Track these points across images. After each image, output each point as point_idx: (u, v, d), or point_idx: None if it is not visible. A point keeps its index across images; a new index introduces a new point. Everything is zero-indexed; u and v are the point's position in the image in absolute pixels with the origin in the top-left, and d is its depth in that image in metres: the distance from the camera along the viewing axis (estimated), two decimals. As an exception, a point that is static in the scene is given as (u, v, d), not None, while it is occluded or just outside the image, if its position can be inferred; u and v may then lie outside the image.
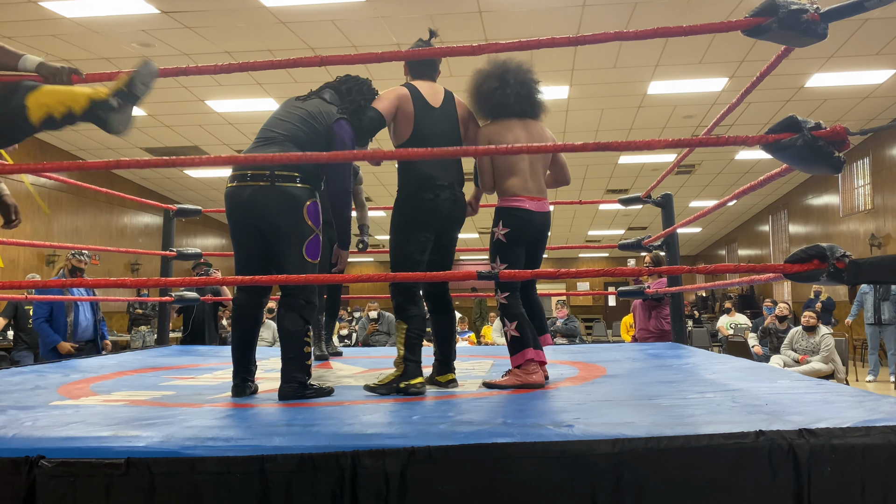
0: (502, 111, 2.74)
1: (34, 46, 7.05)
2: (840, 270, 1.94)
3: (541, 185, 2.76)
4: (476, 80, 2.80)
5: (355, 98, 2.67)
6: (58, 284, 2.59)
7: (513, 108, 2.73)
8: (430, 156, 2.32)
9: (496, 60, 2.79)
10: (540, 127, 2.81)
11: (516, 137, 2.69)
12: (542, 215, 2.73)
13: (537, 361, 2.61)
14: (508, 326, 2.63)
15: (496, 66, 2.78)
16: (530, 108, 2.77)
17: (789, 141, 1.92)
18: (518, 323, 2.62)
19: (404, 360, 2.52)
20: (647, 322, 5.71)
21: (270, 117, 2.60)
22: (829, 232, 12.65)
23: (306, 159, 2.20)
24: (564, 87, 8.41)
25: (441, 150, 2.39)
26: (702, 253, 24.25)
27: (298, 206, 2.38)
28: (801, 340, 7.06)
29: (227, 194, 2.45)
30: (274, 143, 2.45)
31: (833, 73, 8.11)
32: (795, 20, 1.87)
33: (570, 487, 1.55)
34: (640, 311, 5.85)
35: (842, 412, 1.84)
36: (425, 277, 2.57)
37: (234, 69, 2.18)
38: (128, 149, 11.00)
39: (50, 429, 1.78)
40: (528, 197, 2.68)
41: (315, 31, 6.77)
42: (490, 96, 2.73)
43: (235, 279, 2.29)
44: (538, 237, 2.77)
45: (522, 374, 2.58)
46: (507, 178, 2.69)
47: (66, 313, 5.54)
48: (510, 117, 2.73)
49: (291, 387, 2.35)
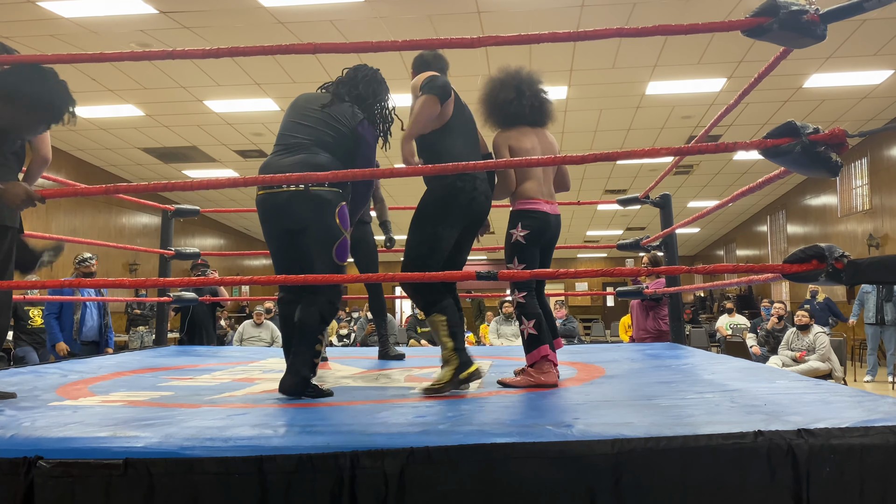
0: (516, 120, 2.81)
1: (32, 46, 7.04)
2: (839, 271, 1.94)
3: (552, 189, 2.87)
4: (490, 89, 2.86)
5: (376, 89, 2.70)
6: (56, 284, 2.58)
7: (527, 118, 2.81)
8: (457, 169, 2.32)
9: (509, 70, 2.87)
10: (548, 135, 2.91)
11: (532, 144, 2.78)
12: (556, 217, 2.83)
13: (551, 360, 2.62)
14: (526, 324, 2.65)
15: (510, 76, 2.85)
16: (542, 117, 2.87)
17: (788, 147, 1.92)
18: (536, 321, 2.65)
19: (455, 351, 2.46)
20: (645, 322, 5.71)
21: (288, 122, 2.56)
22: (828, 232, 12.66)
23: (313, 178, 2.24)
24: (563, 88, 8.41)
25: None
26: (700, 253, 24.27)
27: (331, 210, 2.41)
28: (796, 340, 7.07)
29: (259, 201, 2.47)
30: (300, 149, 2.45)
31: (831, 74, 8.12)
32: (796, 21, 1.87)
33: (569, 488, 1.55)
34: (637, 312, 5.85)
35: (840, 412, 1.84)
36: (423, 277, 2.56)
37: (224, 54, 2.15)
38: (126, 149, 10.99)
39: (48, 429, 1.77)
40: (544, 200, 2.77)
41: (313, 31, 6.77)
42: (506, 106, 2.80)
43: (234, 279, 2.29)
44: (552, 239, 2.85)
45: (536, 373, 2.59)
46: (524, 182, 2.76)
47: (73, 311, 5.61)
48: (523, 125, 2.81)
49: (294, 380, 2.35)
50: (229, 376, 3.07)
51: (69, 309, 5.58)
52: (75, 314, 5.60)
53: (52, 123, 2.34)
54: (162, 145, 10.82)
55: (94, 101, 8.97)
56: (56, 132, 10.51)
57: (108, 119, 9.68)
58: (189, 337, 6.37)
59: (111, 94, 8.68)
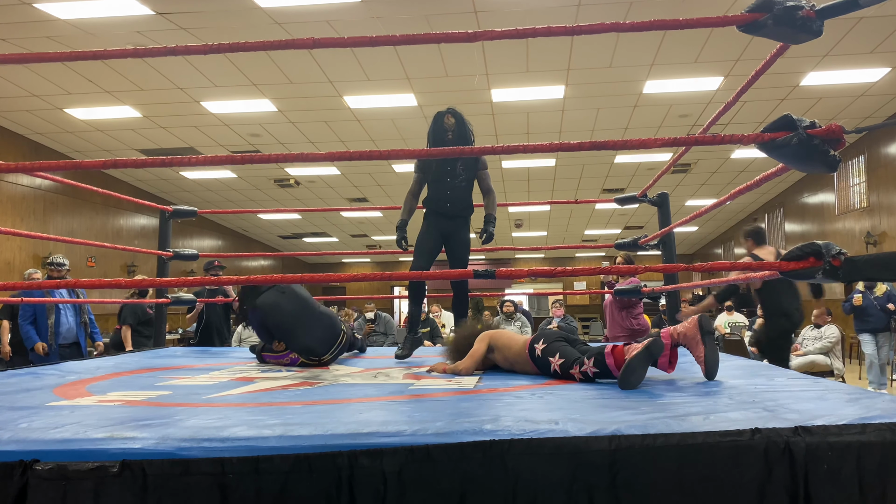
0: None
1: (28, 48, 7.03)
2: (836, 268, 1.94)
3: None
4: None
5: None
6: (37, 286, 2.56)
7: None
8: (438, 154, 2.32)
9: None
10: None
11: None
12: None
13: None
14: (587, 364, 2.58)
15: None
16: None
17: (784, 140, 1.92)
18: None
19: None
20: (620, 321, 5.71)
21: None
22: (825, 230, 12.68)
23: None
24: (560, 87, 8.42)
25: (439, 150, 2.39)
26: (698, 252, 24.29)
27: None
28: (811, 338, 7.19)
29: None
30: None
31: (828, 72, 8.13)
32: (790, 17, 1.87)
33: (566, 484, 1.55)
34: (611, 311, 5.84)
35: (838, 409, 1.84)
36: (422, 277, 2.57)
37: (224, 49, 2.15)
38: (123, 150, 10.98)
39: (45, 430, 1.77)
40: None
41: (310, 31, 6.77)
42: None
43: (231, 279, 2.29)
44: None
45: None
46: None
47: (47, 316, 5.57)
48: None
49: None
50: (227, 376, 3.07)
51: (42, 313, 5.56)
52: (49, 319, 5.57)
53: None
54: (159, 146, 10.82)
55: (90, 102, 8.97)
56: (54, 133, 10.50)
57: (105, 120, 9.68)
58: (202, 340, 6.30)
59: (108, 95, 8.68)
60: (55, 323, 5.57)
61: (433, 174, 3.78)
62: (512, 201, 15.43)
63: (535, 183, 13.63)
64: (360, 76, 7.90)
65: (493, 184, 3.94)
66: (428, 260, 3.69)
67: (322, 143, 10.74)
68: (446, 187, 3.74)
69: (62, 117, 9.46)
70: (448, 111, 3.73)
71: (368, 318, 9.30)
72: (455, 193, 3.74)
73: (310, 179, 13.36)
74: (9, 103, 8.96)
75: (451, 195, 3.74)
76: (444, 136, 3.68)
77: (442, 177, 3.74)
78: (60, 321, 5.63)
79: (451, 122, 3.69)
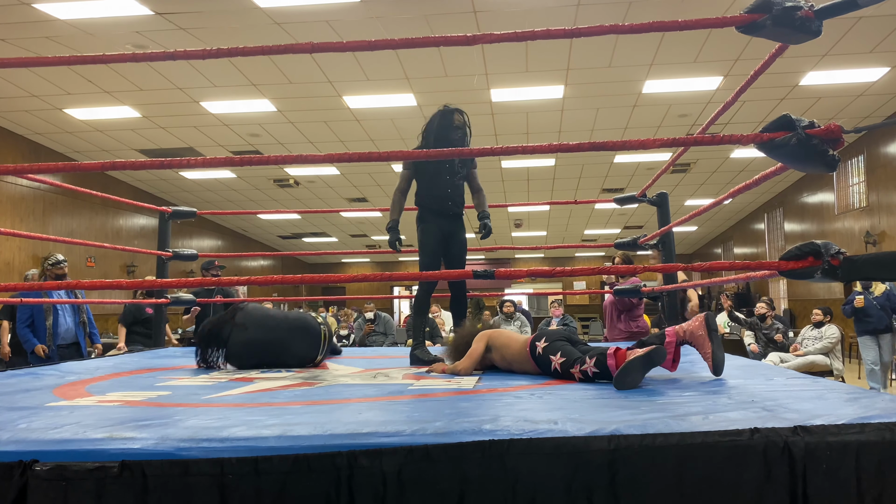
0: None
1: (27, 49, 7.03)
2: (835, 267, 1.94)
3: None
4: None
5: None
6: (38, 287, 2.54)
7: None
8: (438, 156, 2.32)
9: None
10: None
11: None
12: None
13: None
14: (588, 363, 2.59)
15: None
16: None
17: (783, 140, 1.92)
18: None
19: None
20: (618, 323, 5.70)
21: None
22: (825, 230, 12.69)
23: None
24: (559, 87, 8.42)
25: (443, 150, 2.39)
26: (698, 251, 24.29)
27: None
28: (811, 337, 7.18)
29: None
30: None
31: (827, 72, 8.14)
32: (789, 17, 1.87)
33: (566, 484, 1.55)
34: (611, 312, 5.83)
35: (837, 409, 1.84)
36: (421, 277, 2.56)
37: (223, 54, 2.15)
38: (122, 150, 10.98)
39: (44, 431, 1.77)
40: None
41: (310, 31, 6.77)
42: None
43: (231, 279, 2.29)
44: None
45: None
46: None
47: (45, 317, 5.56)
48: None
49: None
50: (226, 376, 3.07)
51: (40, 315, 5.55)
52: (47, 320, 5.56)
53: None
54: (158, 146, 10.82)
55: (89, 102, 8.97)
56: (53, 133, 10.48)
57: (105, 121, 9.67)
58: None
59: (107, 95, 8.67)
60: (53, 324, 5.56)
61: (429, 172, 3.71)
62: (511, 201, 15.43)
63: (534, 183, 13.63)
64: (359, 76, 7.90)
65: (492, 184, 3.95)
66: (435, 261, 3.62)
67: (322, 143, 10.74)
68: (447, 185, 3.68)
69: (61, 117, 9.46)
70: (457, 109, 3.70)
71: (368, 318, 9.30)
72: (456, 191, 3.72)
73: (309, 179, 13.36)
74: (8, 103, 8.96)
75: (453, 193, 3.71)
76: (450, 133, 3.63)
77: (441, 174, 3.68)
78: (59, 322, 5.61)
79: (461, 120, 3.68)
